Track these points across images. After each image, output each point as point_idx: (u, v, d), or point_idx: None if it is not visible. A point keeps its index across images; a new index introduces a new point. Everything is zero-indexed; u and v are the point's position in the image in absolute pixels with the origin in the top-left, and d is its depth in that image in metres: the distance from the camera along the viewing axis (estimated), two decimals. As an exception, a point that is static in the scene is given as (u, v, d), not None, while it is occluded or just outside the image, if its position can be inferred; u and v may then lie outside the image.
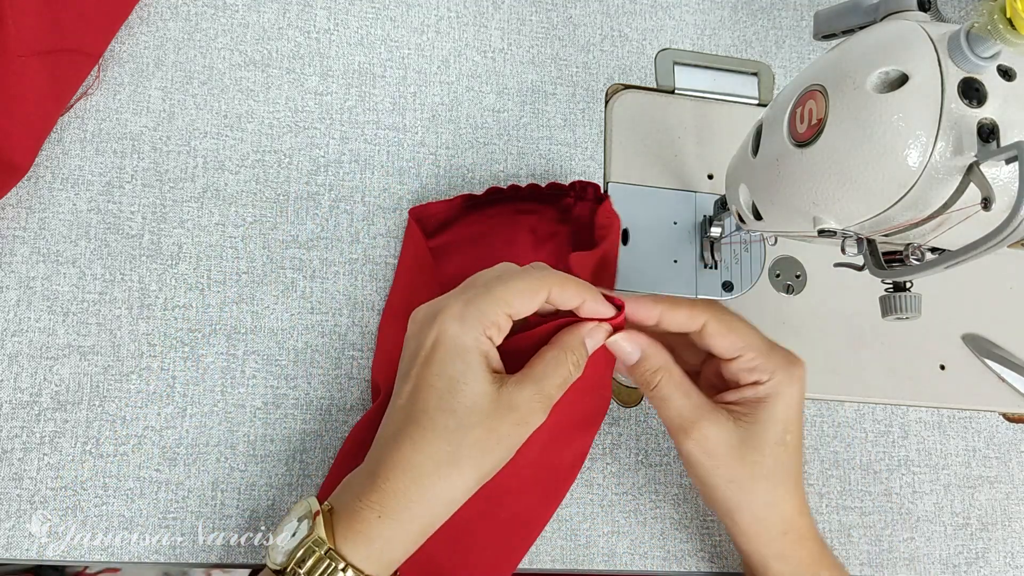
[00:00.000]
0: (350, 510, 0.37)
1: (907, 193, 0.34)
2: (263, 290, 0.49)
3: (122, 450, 0.45)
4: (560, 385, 0.40)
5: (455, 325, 0.38)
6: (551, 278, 0.40)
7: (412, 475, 0.37)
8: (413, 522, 0.37)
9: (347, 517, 0.37)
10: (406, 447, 0.37)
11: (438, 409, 0.37)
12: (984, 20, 0.31)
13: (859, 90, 0.34)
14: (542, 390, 0.39)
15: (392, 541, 0.37)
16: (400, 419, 0.39)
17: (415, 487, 0.37)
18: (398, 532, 0.37)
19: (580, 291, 0.40)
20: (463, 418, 0.37)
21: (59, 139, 0.49)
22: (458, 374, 0.38)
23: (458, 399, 0.37)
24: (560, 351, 0.40)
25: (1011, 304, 0.57)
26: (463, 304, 0.39)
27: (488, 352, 0.38)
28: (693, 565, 0.49)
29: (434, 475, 0.37)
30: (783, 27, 0.61)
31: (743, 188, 0.43)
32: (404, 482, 0.37)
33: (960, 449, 0.55)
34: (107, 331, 0.47)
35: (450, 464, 0.37)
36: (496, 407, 0.38)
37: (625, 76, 0.58)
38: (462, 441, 0.37)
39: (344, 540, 0.36)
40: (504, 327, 0.39)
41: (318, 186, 0.51)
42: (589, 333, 0.41)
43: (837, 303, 0.55)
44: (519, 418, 0.38)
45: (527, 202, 0.52)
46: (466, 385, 0.37)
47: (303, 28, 0.54)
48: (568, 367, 0.40)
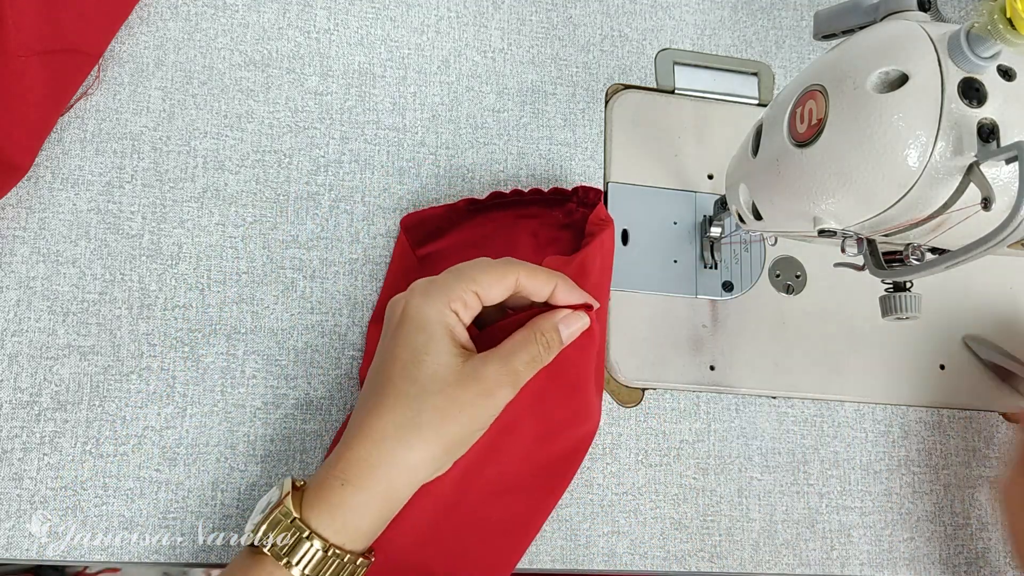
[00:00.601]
0: (318, 481, 0.38)
1: (907, 193, 0.34)
2: (263, 290, 0.49)
3: (122, 450, 0.45)
4: (528, 362, 0.40)
5: (418, 299, 0.39)
6: (519, 267, 0.40)
7: (374, 440, 0.37)
8: (376, 487, 0.37)
9: (315, 488, 0.37)
10: (371, 416, 0.38)
11: (401, 377, 0.38)
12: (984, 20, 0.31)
13: (859, 90, 0.34)
14: (507, 364, 0.39)
15: (356, 509, 0.37)
16: (368, 391, 0.40)
17: (376, 451, 0.37)
18: (361, 499, 0.37)
19: (550, 279, 0.41)
20: (425, 385, 0.38)
21: (59, 139, 0.49)
22: (420, 345, 0.38)
23: (420, 368, 0.38)
24: (531, 331, 0.40)
25: (1011, 304, 0.57)
26: (428, 281, 0.40)
27: (453, 327, 0.39)
28: (693, 565, 0.49)
29: (395, 441, 0.37)
30: (783, 27, 0.61)
31: (743, 188, 0.43)
32: (366, 448, 0.37)
33: (960, 449, 0.55)
34: (107, 331, 0.47)
35: (410, 430, 0.37)
36: (459, 376, 0.38)
37: (625, 76, 0.58)
38: (422, 407, 0.37)
39: (310, 510, 0.37)
40: (471, 304, 0.39)
41: (318, 186, 0.51)
42: (564, 320, 0.41)
43: (837, 303, 0.55)
44: (483, 389, 0.38)
45: (529, 207, 0.52)
46: (428, 356, 0.38)
47: (303, 28, 0.54)
48: (538, 347, 0.40)
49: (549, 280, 0.41)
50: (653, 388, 0.52)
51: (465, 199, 0.51)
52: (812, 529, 0.51)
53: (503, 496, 0.46)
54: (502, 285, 0.40)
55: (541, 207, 0.52)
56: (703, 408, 0.52)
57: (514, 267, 0.40)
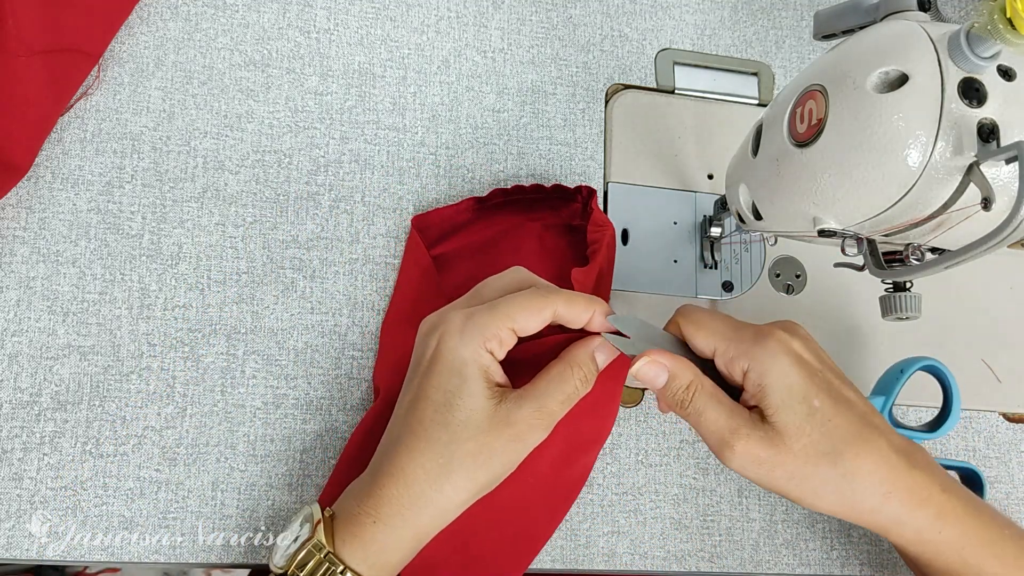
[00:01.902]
0: (349, 515, 0.38)
1: (907, 193, 0.34)
2: (263, 290, 0.49)
3: (122, 450, 0.45)
4: (564, 401, 0.39)
5: (454, 339, 0.38)
6: (558, 296, 0.39)
7: (405, 483, 0.37)
8: (407, 528, 0.37)
9: (346, 522, 0.38)
10: (402, 456, 0.38)
11: (433, 422, 0.38)
12: (984, 20, 0.31)
13: (859, 90, 0.34)
14: (543, 407, 0.38)
15: (387, 546, 0.37)
16: (399, 428, 0.39)
17: (408, 495, 0.37)
18: (392, 537, 0.37)
19: (589, 306, 0.40)
20: (457, 432, 0.37)
21: (59, 139, 0.49)
22: (454, 388, 0.38)
23: (453, 413, 0.38)
24: (567, 366, 0.40)
25: (1011, 304, 0.57)
26: (464, 318, 0.39)
27: (488, 366, 0.38)
28: (693, 565, 0.49)
29: (426, 484, 0.37)
30: (783, 27, 0.61)
31: (743, 188, 0.43)
32: (398, 489, 0.37)
33: (960, 449, 0.55)
34: (107, 331, 0.47)
35: (442, 476, 0.37)
36: (492, 423, 0.38)
37: (625, 76, 0.58)
38: (454, 454, 0.37)
39: (343, 544, 0.37)
40: (507, 341, 0.39)
41: (318, 186, 0.51)
42: (599, 348, 0.41)
43: (837, 303, 0.55)
44: (515, 434, 0.38)
45: (535, 210, 0.52)
46: (461, 400, 0.38)
47: (303, 28, 0.54)
48: (574, 383, 0.39)
49: (588, 308, 0.39)
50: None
51: (469, 198, 0.51)
52: (812, 529, 0.51)
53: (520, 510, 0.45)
54: (539, 318, 0.39)
55: (546, 209, 0.52)
56: (703, 408, 0.52)
57: (552, 299, 0.39)
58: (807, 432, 0.37)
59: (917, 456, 0.39)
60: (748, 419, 0.38)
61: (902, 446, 0.39)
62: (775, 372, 0.38)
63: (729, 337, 0.39)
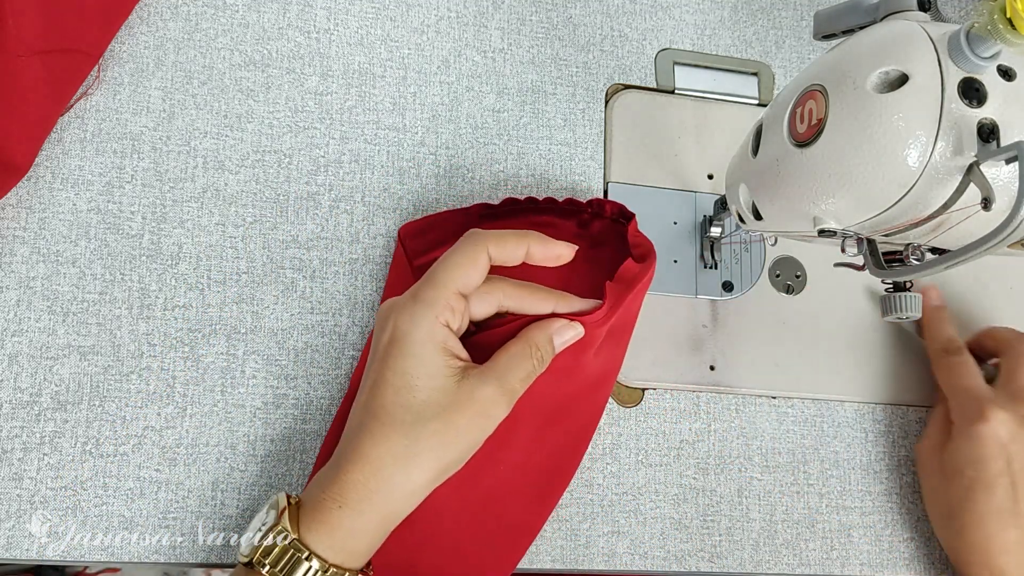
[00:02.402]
0: (314, 501, 0.37)
1: (907, 193, 0.34)
2: (263, 290, 0.49)
3: (122, 450, 0.45)
4: (523, 379, 0.40)
5: (406, 319, 0.38)
6: (484, 238, 0.40)
7: (372, 467, 0.37)
8: (373, 512, 0.37)
9: (311, 508, 0.37)
10: (365, 441, 0.37)
11: (395, 404, 0.38)
12: (984, 20, 0.31)
13: (859, 90, 0.34)
14: (503, 384, 0.39)
15: (354, 531, 0.37)
16: (360, 415, 0.39)
17: (374, 479, 0.37)
18: (358, 522, 0.37)
19: (519, 239, 0.40)
20: (420, 412, 0.37)
21: (59, 139, 0.49)
22: (411, 369, 0.38)
23: (414, 394, 0.37)
24: (525, 345, 0.40)
25: (1011, 304, 0.57)
26: (411, 297, 0.39)
27: (445, 341, 0.38)
28: (693, 565, 0.49)
29: (392, 467, 0.37)
30: (783, 27, 0.61)
31: (743, 188, 0.43)
32: (364, 474, 0.37)
33: (960, 449, 0.55)
34: (107, 331, 0.47)
35: (408, 457, 0.37)
36: (454, 400, 0.38)
37: (625, 76, 0.58)
38: (419, 435, 0.37)
39: (308, 530, 0.37)
40: (458, 307, 0.39)
41: (318, 186, 0.51)
42: (558, 331, 0.41)
43: (837, 303, 0.55)
44: (479, 411, 0.38)
45: (544, 215, 0.51)
46: (421, 380, 0.38)
47: (303, 28, 0.54)
48: (532, 362, 0.40)
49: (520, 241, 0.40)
50: (653, 388, 0.52)
51: (479, 204, 0.50)
52: (812, 529, 0.51)
53: (501, 500, 0.45)
54: (476, 268, 0.39)
55: (555, 216, 0.51)
56: (703, 408, 0.52)
57: (480, 241, 0.39)
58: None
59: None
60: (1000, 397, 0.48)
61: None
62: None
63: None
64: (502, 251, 0.40)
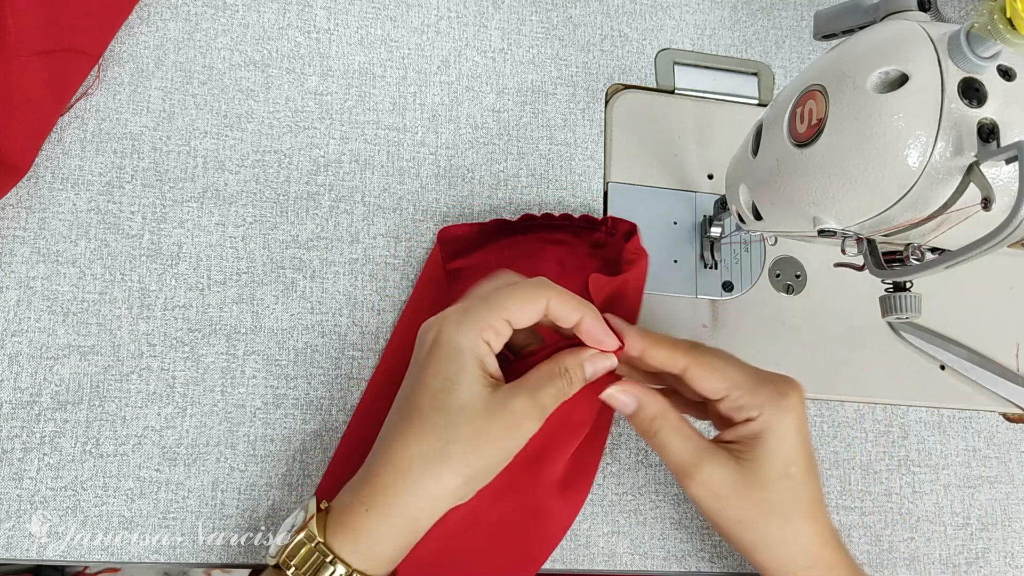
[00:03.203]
0: (342, 506, 0.38)
1: (907, 193, 0.34)
2: (263, 290, 0.49)
3: (122, 450, 0.45)
4: (555, 397, 0.40)
5: (451, 329, 0.39)
6: (550, 289, 0.40)
7: (401, 470, 0.37)
8: (400, 516, 0.37)
9: (339, 513, 0.38)
10: (397, 443, 0.38)
11: (431, 407, 0.38)
12: (984, 20, 0.31)
13: (859, 90, 0.34)
14: (536, 397, 0.39)
15: (379, 536, 0.37)
16: (395, 417, 0.39)
17: (402, 481, 0.37)
18: (384, 527, 0.37)
19: (579, 306, 0.40)
20: (454, 416, 0.38)
21: (59, 139, 0.49)
22: (452, 374, 0.38)
23: (450, 398, 0.38)
24: (558, 365, 0.40)
25: (1011, 304, 0.57)
26: (461, 310, 0.40)
27: (484, 357, 0.39)
28: (693, 565, 0.49)
29: (422, 470, 0.37)
30: (783, 27, 0.61)
31: (743, 188, 0.43)
32: (392, 476, 0.37)
33: (960, 449, 0.55)
34: (107, 331, 0.47)
35: (438, 460, 0.37)
36: (488, 409, 0.38)
37: (625, 76, 0.58)
38: (451, 438, 0.37)
39: (334, 535, 0.37)
40: (503, 332, 0.39)
41: (318, 186, 0.51)
42: (590, 358, 0.41)
43: (837, 303, 0.55)
44: (511, 421, 0.38)
45: (558, 232, 0.51)
46: (459, 385, 0.38)
47: (303, 28, 0.54)
48: (563, 382, 0.40)
49: (578, 308, 0.40)
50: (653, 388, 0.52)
51: (496, 219, 0.51)
52: (812, 529, 0.51)
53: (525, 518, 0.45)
54: (533, 309, 0.40)
55: (569, 233, 0.51)
56: (703, 408, 0.52)
57: (544, 290, 0.40)
58: (772, 490, 0.41)
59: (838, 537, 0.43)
60: (713, 454, 0.41)
61: (833, 527, 0.43)
62: (779, 431, 0.41)
63: (748, 388, 0.41)
64: (561, 308, 0.40)
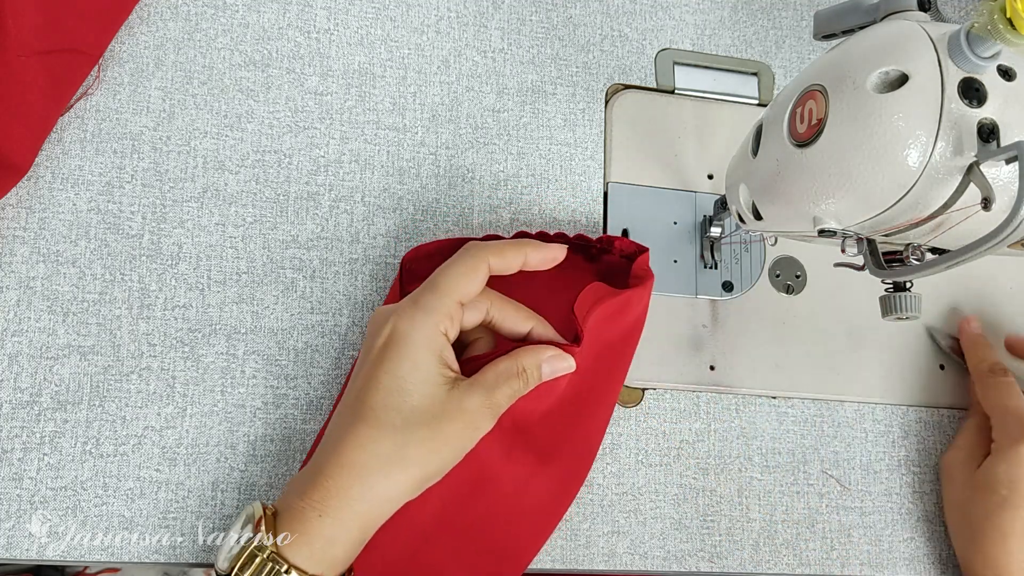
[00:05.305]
0: (292, 511, 0.37)
1: (907, 193, 0.34)
2: (263, 290, 0.49)
3: (122, 450, 0.45)
4: (510, 396, 0.40)
5: (406, 323, 0.38)
6: (486, 250, 0.40)
7: (356, 473, 0.36)
8: (354, 520, 0.37)
9: (289, 518, 0.37)
10: (350, 445, 0.37)
11: (385, 407, 0.37)
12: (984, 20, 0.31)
13: (859, 90, 0.34)
14: (491, 398, 0.39)
15: (333, 540, 0.36)
16: (348, 417, 0.38)
17: (358, 485, 0.36)
18: (339, 531, 0.36)
19: (518, 250, 0.40)
20: (410, 417, 0.37)
21: (59, 139, 0.49)
22: (406, 373, 0.37)
23: (405, 398, 0.37)
24: (514, 363, 0.40)
25: (1011, 304, 0.57)
26: (412, 303, 0.39)
27: (442, 350, 0.38)
28: (693, 565, 0.49)
29: (378, 473, 0.36)
30: (783, 27, 0.61)
31: (743, 188, 0.43)
32: (347, 480, 0.36)
33: (960, 449, 0.55)
34: (107, 331, 0.47)
35: (394, 463, 0.36)
36: (444, 410, 0.37)
37: (625, 76, 0.58)
38: (408, 440, 0.37)
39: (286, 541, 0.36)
40: (456, 316, 0.39)
41: (318, 186, 0.51)
42: (549, 360, 0.41)
43: (837, 303, 0.55)
44: (467, 422, 0.38)
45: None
46: (414, 385, 0.37)
47: (303, 28, 0.54)
48: (519, 382, 0.40)
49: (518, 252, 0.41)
50: (653, 388, 0.52)
51: (487, 235, 0.50)
52: (812, 529, 0.51)
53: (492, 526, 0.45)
54: (477, 279, 0.39)
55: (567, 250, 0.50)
56: (703, 408, 0.52)
57: (482, 254, 0.40)
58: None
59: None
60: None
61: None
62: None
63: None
64: (501, 260, 0.40)
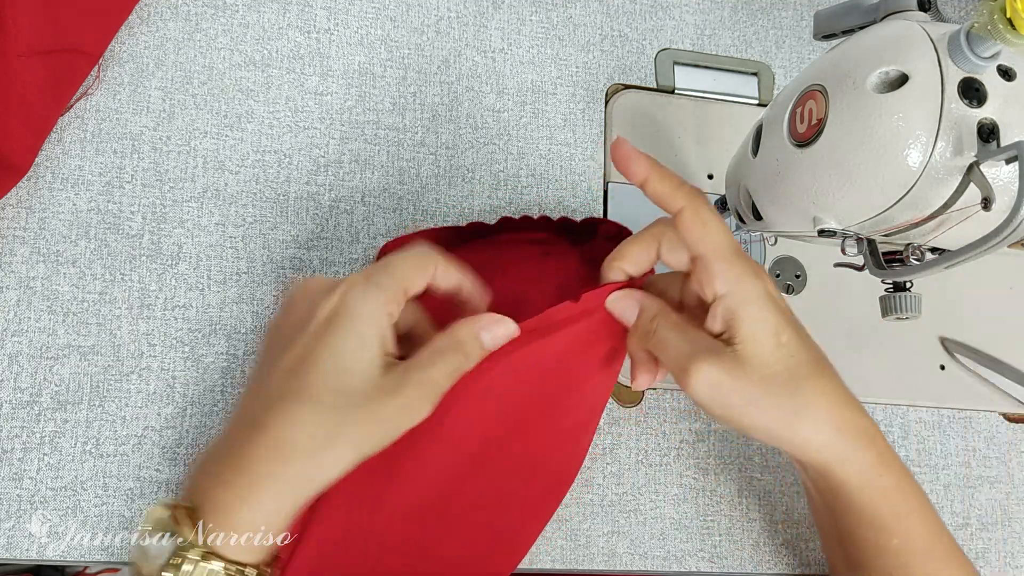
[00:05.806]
0: (215, 504, 0.34)
1: (907, 193, 0.34)
2: (263, 290, 0.49)
3: (122, 450, 0.45)
4: (449, 374, 0.38)
5: (357, 297, 0.36)
6: (436, 255, 0.39)
7: (284, 456, 0.34)
8: (283, 505, 0.34)
9: (212, 513, 0.34)
10: (279, 424, 0.34)
11: (323, 387, 0.35)
12: (984, 20, 0.31)
13: (859, 90, 0.34)
14: (429, 378, 0.37)
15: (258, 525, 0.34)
16: (276, 392, 0.36)
17: (288, 471, 0.34)
18: (268, 517, 0.34)
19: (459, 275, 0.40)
20: (348, 398, 0.35)
21: (59, 139, 0.49)
22: (348, 351, 0.36)
23: (343, 379, 0.35)
24: (449, 338, 0.38)
25: (1011, 304, 0.57)
26: (364, 278, 0.37)
27: (385, 332, 0.37)
28: (693, 565, 0.49)
29: (308, 456, 0.34)
30: (783, 27, 0.61)
31: (743, 188, 0.43)
32: (276, 465, 0.34)
33: (960, 449, 0.55)
34: (107, 331, 0.47)
35: (327, 446, 0.35)
36: (380, 390, 0.36)
37: (625, 76, 0.58)
38: (343, 420, 0.35)
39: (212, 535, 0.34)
40: (402, 303, 0.38)
41: (318, 186, 0.51)
42: (485, 326, 0.39)
43: (837, 303, 0.55)
44: (403, 404, 0.36)
45: (538, 231, 0.50)
46: (356, 364, 0.36)
47: (303, 28, 0.54)
48: (458, 357, 0.38)
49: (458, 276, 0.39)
50: (653, 388, 0.52)
51: (471, 223, 0.49)
52: (812, 529, 0.51)
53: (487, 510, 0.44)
54: (424, 275, 0.38)
55: (551, 232, 0.50)
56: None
57: (432, 256, 0.39)
58: (770, 363, 0.38)
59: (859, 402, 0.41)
60: (710, 346, 0.39)
61: (849, 391, 0.40)
62: (756, 304, 0.38)
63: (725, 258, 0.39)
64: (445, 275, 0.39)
